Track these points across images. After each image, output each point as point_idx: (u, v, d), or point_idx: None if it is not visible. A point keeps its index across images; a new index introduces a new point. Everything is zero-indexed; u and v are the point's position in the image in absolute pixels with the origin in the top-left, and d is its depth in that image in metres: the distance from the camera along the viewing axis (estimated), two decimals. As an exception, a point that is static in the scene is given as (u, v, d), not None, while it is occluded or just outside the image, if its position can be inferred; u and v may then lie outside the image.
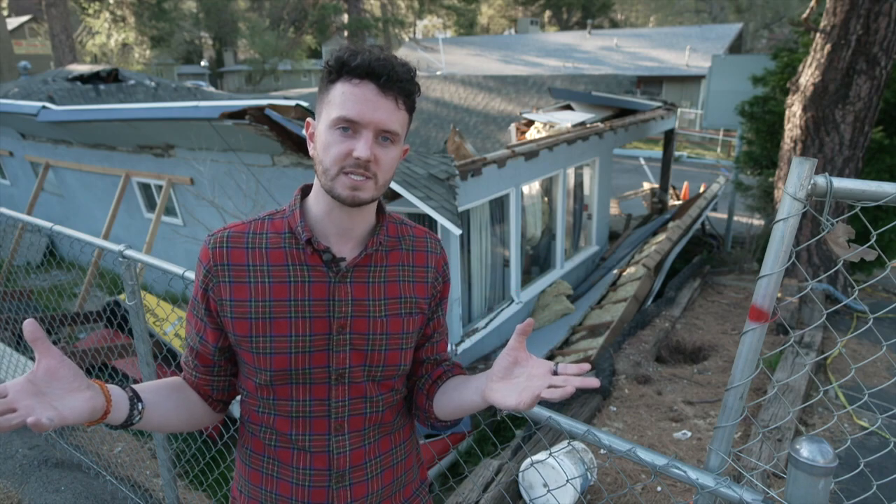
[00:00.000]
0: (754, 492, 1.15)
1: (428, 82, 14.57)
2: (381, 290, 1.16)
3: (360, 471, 1.18)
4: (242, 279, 1.11)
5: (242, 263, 1.12)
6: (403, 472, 1.28)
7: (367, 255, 1.15)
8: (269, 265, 1.11)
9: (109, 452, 3.62)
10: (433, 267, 1.24)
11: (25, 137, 8.99)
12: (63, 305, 7.80)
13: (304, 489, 1.17)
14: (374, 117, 1.02)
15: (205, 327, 1.16)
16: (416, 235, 1.24)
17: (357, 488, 1.19)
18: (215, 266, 1.12)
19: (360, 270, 1.14)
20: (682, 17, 40.72)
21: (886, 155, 6.27)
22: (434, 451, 4.42)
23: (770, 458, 3.10)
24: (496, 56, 29.88)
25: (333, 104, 1.04)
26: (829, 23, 5.48)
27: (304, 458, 1.16)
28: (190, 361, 1.21)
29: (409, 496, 1.31)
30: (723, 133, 21.25)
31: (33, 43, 35.36)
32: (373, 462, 1.20)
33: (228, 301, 1.11)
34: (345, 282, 1.12)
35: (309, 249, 1.12)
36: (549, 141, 7.31)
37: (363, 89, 1.02)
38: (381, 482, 1.22)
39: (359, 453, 1.18)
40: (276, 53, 34.86)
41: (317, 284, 1.11)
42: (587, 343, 5.93)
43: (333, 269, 1.12)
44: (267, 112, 5.18)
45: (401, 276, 1.19)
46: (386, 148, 1.06)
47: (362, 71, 1.02)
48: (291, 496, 1.17)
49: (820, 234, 1.10)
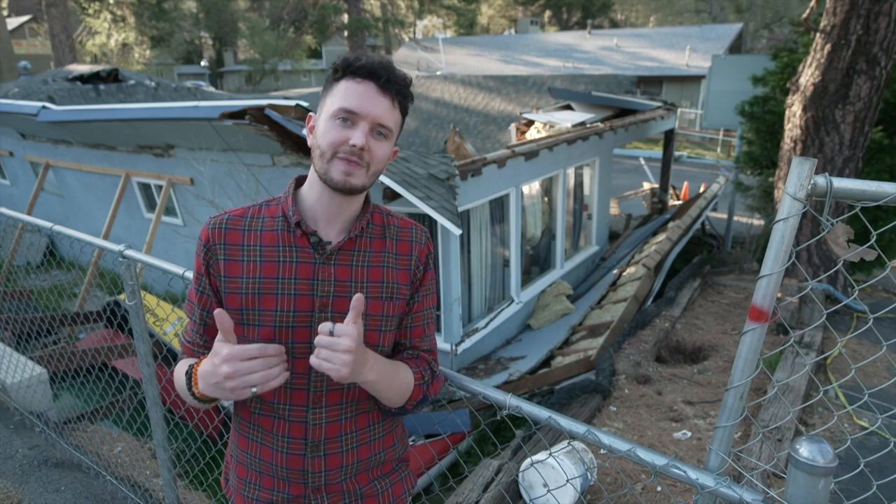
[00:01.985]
0: (754, 492, 1.15)
1: (428, 82, 14.57)
2: (364, 273, 1.24)
3: (335, 443, 1.27)
4: (236, 258, 1.22)
5: (238, 243, 1.23)
6: (381, 449, 1.35)
7: (352, 240, 1.24)
8: (261, 245, 1.22)
9: (109, 452, 3.62)
10: (416, 256, 1.31)
11: (25, 137, 8.99)
12: (63, 305, 7.80)
13: (283, 455, 1.26)
14: (372, 111, 1.14)
15: (210, 302, 1.26)
16: (402, 226, 1.32)
17: (331, 459, 1.27)
18: (214, 245, 1.22)
19: (345, 254, 1.23)
20: (682, 17, 40.71)
21: (886, 155, 6.27)
22: (434, 451, 4.42)
23: (770, 458, 3.10)
24: (496, 56, 29.87)
25: (336, 97, 1.15)
26: (829, 23, 5.48)
27: (283, 427, 1.25)
28: (197, 340, 1.29)
29: (387, 471, 1.38)
30: (723, 133, 21.24)
31: (33, 43, 35.36)
32: (348, 436, 1.28)
33: (223, 277, 1.22)
34: (329, 263, 1.21)
35: (298, 232, 1.22)
36: (549, 141, 7.31)
37: (364, 86, 1.14)
38: (357, 456, 1.30)
39: (335, 426, 1.26)
40: (276, 53, 34.85)
41: (303, 265, 1.21)
42: (587, 343, 5.93)
43: (319, 251, 1.21)
44: (267, 112, 5.18)
45: (385, 262, 1.27)
46: (380, 141, 1.17)
47: (365, 71, 1.14)
48: (272, 461, 1.27)
49: (820, 234, 1.10)
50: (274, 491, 1.28)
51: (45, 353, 4.63)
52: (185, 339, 1.31)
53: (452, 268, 5.82)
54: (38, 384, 3.75)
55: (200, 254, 1.25)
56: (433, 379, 1.34)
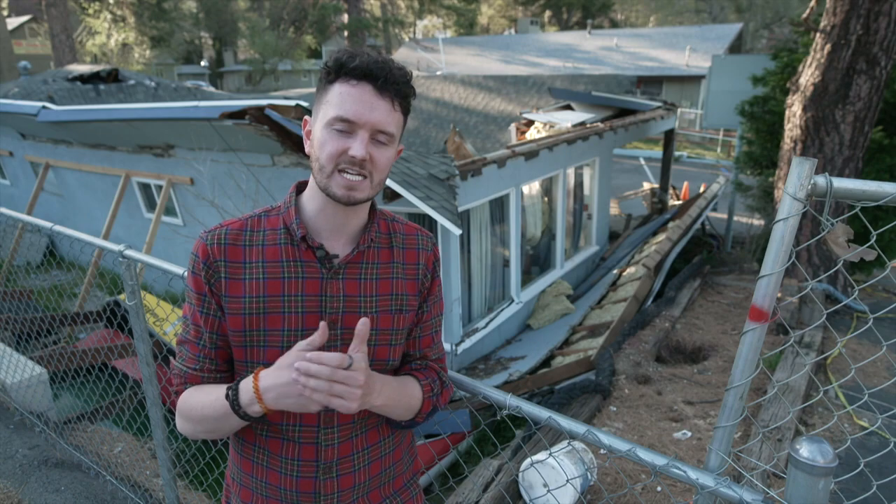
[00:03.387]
0: (754, 492, 1.15)
1: (428, 82, 14.57)
2: (373, 286, 1.18)
3: (347, 462, 1.20)
4: (238, 276, 1.14)
5: (239, 260, 1.14)
6: (391, 464, 1.29)
7: (360, 253, 1.18)
8: (264, 261, 1.14)
9: (109, 452, 3.62)
10: (423, 264, 1.26)
11: (25, 137, 8.99)
12: (63, 305, 7.81)
13: (293, 479, 1.18)
14: (370, 118, 1.05)
15: (219, 323, 1.16)
16: (407, 233, 1.26)
17: (344, 479, 1.20)
18: (215, 262, 1.14)
19: (353, 267, 1.17)
20: (682, 17, 40.69)
21: (886, 155, 6.27)
22: (434, 451, 4.42)
23: (770, 458, 3.10)
24: (496, 56, 29.87)
25: (331, 104, 1.07)
26: (829, 23, 5.48)
27: (293, 449, 1.18)
28: (208, 366, 1.18)
29: (398, 488, 1.32)
30: (723, 133, 21.24)
31: (33, 43, 35.36)
32: (360, 454, 1.22)
33: (224, 297, 1.14)
34: (337, 278, 1.15)
35: (303, 246, 1.14)
36: (549, 141, 7.31)
37: (360, 90, 1.05)
38: (368, 474, 1.24)
39: (346, 445, 1.20)
40: (276, 53, 34.87)
41: (310, 280, 1.14)
42: (587, 343, 5.93)
43: (326, 266, 1.15)
44: (267, 112, 5.18)
45: (393, 273, 1.21)
46: (381, 148, 1.09)
47: (360, 72, 1.05)
48: (280, 485, 1.19)
49: (820, 234, 1.10)
50: None
51: (45, 353, 4.63)
52: (190, 368, 1.18)
53: (452, 268, 5.82)
54: (38, 384, 3.75)
55: (200, 273, 1.14)
56: (443, 389, 1.30)
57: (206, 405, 1.12)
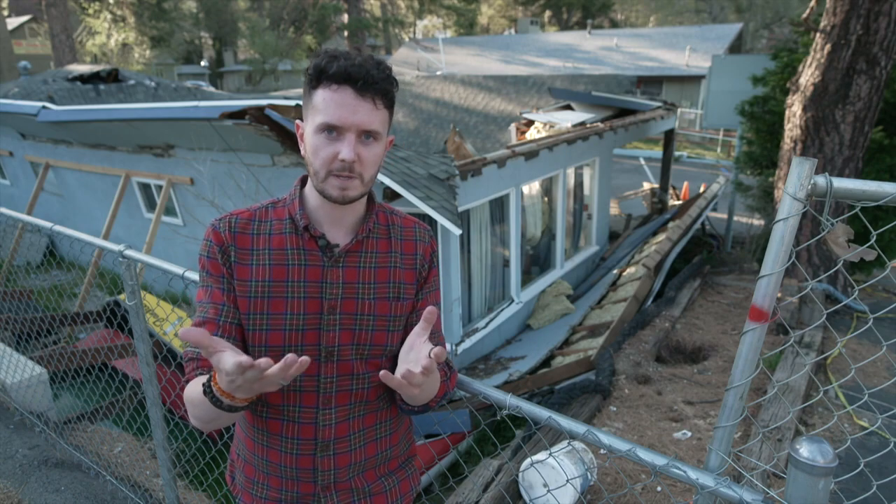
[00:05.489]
0: (754, 492, 1.15)
1: (428, 82, 14.57)
2: (371, 274, 1.25)
3: (343, 442, 1.27)
4: (245, 261, 1.21)
5: (247, 247, 1.22)
6: (388, 447, 1.36)
7: (359, 242, 1.25)
8: (270, 249, 1.22)
9: (109, 452, 3.62)
10: (421, 254, 1.32)
11: (25, 137, 8.99)
12: (63, 305, 7.81)
13: (292, 456, 1.26)
14: (354, 120, 1.11)
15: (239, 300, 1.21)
16: (405, 225, 1.34)
17: (340, 458, 1.28)
18: (228, 246, 1.21)
19: (352, 256, 1.24)
20: (682, 17, 40.70)
21: (886, 155, 6.27)
22: (434, 451, 4.42)
23: (770, 458, 3.10)
24: (496, 56, 29.86)
25: (317, 110, 1.13)
26: (829, 23, 5.48)
27: (292, 429, 1.25)
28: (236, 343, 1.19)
29: (394, 468, 1.39)
30: (723, 133, 21.24)
31: (33, 43, 35.37)
32: (357, 435, 1.29)
33: (233, 280, 1.21)
34: (337, 266, 1.22)
35: (306, 235, 1.22)
36: (549, 141, 7.31)
37: (342, 94, 1.11)
38: (365, 454, 1.31)
39: (343, 426, 1.27)
40: (276, 53, 34.88)
41: (312, 268, 1.21)
42: (587, 343, 5.93)
43: (328, 254, 1.22)
44: (267, 112, 5.18)
45: (391, 262, 1.28)
46: (369, 146, 1.15)
47: (339, 77, 1.10)
48: (280, 462, 1.27)
49: (820, 234, 1.10)
50: (283, 490, 1.29)
51: (45, 353, 4.63)
52: None
53: (452, 268, 5.82)
54: (38, 384, 3.75)
55: (216, 256, 1.20)
56: (451, 372, 1.35)
57: (197, 395, 1.11)
